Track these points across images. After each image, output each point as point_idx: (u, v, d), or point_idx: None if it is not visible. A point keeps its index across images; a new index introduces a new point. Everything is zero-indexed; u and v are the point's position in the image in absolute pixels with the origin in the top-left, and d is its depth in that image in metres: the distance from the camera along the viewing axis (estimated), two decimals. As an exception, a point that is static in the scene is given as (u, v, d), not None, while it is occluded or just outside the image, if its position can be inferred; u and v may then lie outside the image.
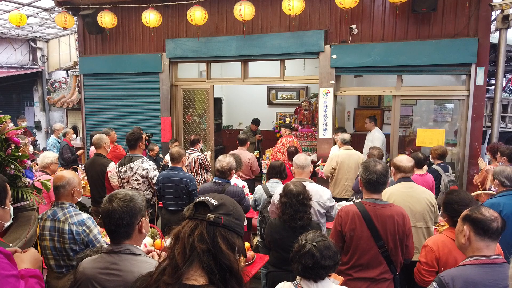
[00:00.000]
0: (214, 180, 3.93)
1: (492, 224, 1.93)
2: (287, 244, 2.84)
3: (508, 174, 3.33)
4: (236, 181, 4.43)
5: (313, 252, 1.99)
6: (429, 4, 5.31)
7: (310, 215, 2.98)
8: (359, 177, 2.82)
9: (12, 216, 1.83)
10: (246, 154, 5.61)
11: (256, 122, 8.78)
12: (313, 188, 3.47)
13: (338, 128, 6.37)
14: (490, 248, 1.95)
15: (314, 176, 5.81)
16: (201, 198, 1.32)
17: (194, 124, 7.88)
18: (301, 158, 3.61)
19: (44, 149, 8.82)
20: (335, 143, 6.13)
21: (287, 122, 7.17)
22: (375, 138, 6.71)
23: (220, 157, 3.92)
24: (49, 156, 4.51)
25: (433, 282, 1.98)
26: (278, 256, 2.99)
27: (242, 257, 1.38)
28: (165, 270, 1.24)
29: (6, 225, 1.77)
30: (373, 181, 2.63)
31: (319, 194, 3.43)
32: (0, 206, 1.75)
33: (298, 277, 2.09)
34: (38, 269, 1.66)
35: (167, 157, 5.62)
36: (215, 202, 1.29)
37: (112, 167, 4.55)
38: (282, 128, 6.77)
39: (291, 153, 5.56)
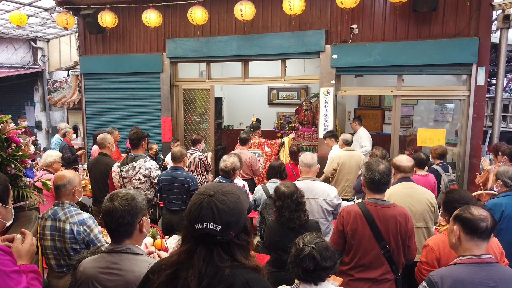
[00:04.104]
0: (217, 179, 3.92)
1: (481, 223, 1.93)
2: (287, 245, 2.82)
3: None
4: (236, 180, 4.42)
5: (313, 255, 1.97)
6: (430, 4, 5.30)
7: (306, 211, 2.98)
8: (361, 177, 2.81)
9: (13, 215, 1.83)
10: (246, 154, 5.59)
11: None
12: (320, 186, 3.50)
13: (327, 132, 6.06)
14: (480, 247, 1.95)
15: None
16: (201, 227, 1.24)
17: (195, 124, 7.88)
18: (308, 157, 3.61)
19: (45, 149, 8.82)
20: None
21: (254, 122, 7.21)
22: (360, 136, 6.67)
23: (225, 157, 3.90)
24: (52, 155, 4.51)
25: (423, 281, 1.99)
26: (278, 258, 2.98)
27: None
28: None
29: (7, 224, 1.77)
30: (375, 180, 2.62)
31: (327, 193, 3.45)
32: (3, 205, 1.75)
33: (296, 281, 2.07)
34: (35, 264, 1.67)
35: (167, 159, 5.61)
36: (218, 227, 1.23)
37: (116, 167, 4.55)
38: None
39: (293, 153, 5.58)
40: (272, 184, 4.07)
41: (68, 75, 11.39)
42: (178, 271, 1.28)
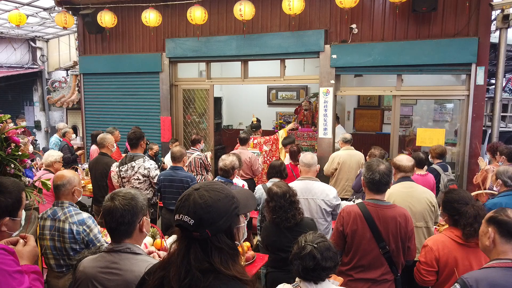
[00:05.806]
0: (217, 179, 3.92)
1: None
2: (284, 244, 2.83)
3: (511, 174, 3.32)
4: (236, 180, 4.42)
5: (314, 254, 1.96)
6: (429, 3, 5.30)
7: (301, 210, 2.98)
8: (361, 177, 2.80)
9: (23, 224, 1.81)
10: (246, 154, 5.59)
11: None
12: (319, 186, 3.49)
13: (285, 139, 6.10)
14: None
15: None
16: (178, 218, 1.22)
17: (194, 123, 7.88)
18: (308, 157, 3.61)
19: (44, 149, 8.81)
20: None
21: (255, 122, 7.25)
22: (336, 134, 6.73)
23: (223, 156, 3.90)
24: (53, 155, 4.52)
25: (455, 284, 1.91)
26: (276, 258, 2.98)
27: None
28: None
29: (14, 234, 1.74)
30: (376, 181, 2.60)
31: (326, 193, 3.45)
32: (11, 218, 1.70)
33: (297, 279, 2.07)
34: (36, 265, 1.67)
35: (166, 160, 5.60)
36: (191, 221, 1.20)
37: (115, 167, 4.55)
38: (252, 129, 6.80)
39: (293, 153, 5.58)
40: (273, 184, 4.07)
41: (67, 75, 11.38)
42: (168, 271, 1.26)
